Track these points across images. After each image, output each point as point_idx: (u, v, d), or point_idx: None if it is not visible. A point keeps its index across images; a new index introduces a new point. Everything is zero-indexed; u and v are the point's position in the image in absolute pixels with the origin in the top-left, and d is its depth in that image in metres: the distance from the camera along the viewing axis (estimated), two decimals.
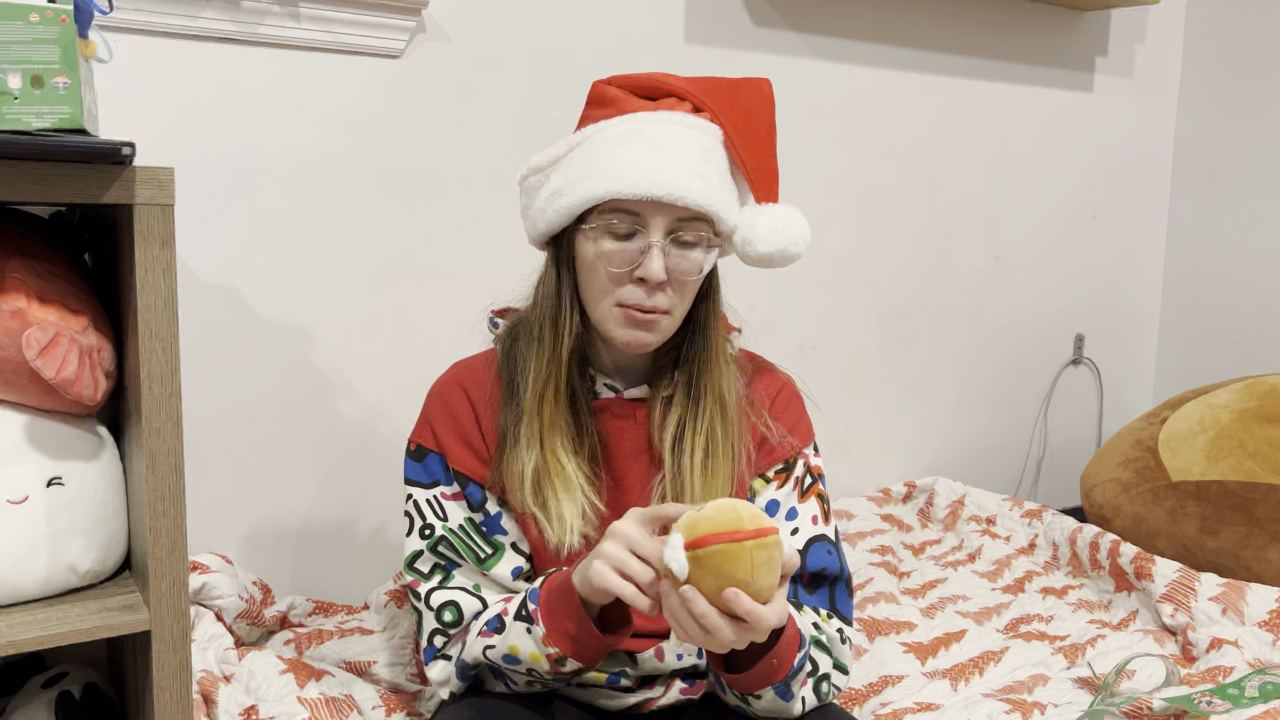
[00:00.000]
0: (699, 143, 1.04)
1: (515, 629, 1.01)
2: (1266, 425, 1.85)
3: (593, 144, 1.04)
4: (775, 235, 1.05)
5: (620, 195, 1.00)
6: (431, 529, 1.09)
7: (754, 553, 0.83)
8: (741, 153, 1.06)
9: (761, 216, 1.06)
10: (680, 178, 1.00)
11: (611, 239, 1.02)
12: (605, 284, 1.03)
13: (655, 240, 1.01)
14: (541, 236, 1.09)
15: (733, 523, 0.84)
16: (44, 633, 0.91)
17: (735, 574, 0.83)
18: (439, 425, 1.11)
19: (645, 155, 1.01)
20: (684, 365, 1.10)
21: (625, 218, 1.01)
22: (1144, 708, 1.28)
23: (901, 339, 2.25)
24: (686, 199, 1.00)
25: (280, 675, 1.27)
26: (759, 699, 1.00)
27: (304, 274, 1.57)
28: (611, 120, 1.05)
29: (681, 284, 1.04)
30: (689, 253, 1.03)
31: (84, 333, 0.96)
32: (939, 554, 1.95)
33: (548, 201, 1.06)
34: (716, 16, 1.89)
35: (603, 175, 1.01)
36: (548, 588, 1.00)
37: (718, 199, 1.03)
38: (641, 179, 0.99)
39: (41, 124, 0.84)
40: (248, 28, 1.46)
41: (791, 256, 1.07)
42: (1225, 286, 2.54)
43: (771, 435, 1.13)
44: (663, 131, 1.03)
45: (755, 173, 1.07)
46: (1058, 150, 2.41)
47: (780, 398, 1.16)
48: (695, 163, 1.02)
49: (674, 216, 1.01)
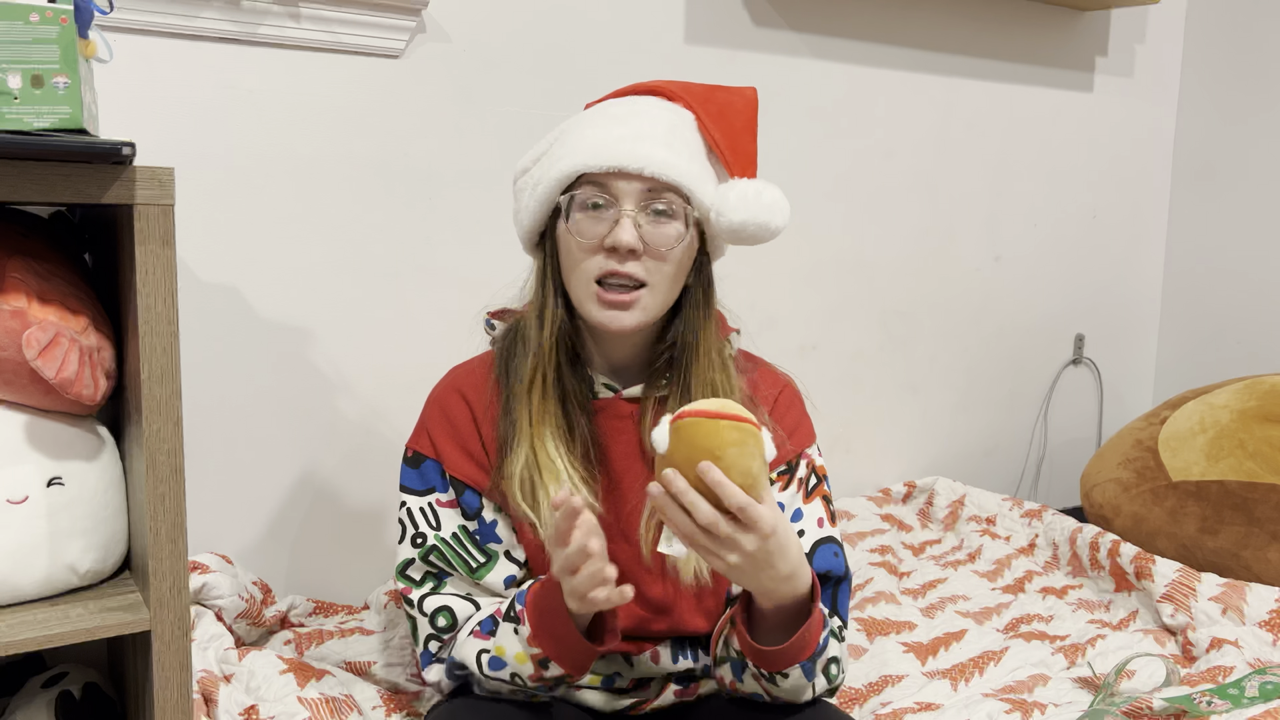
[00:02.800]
0: (667, 119, 1.06)
1: (504, 629, 1.01)
2: (1266, 425, 1.85)
3: (565, 133, 1.07)
4: (746, 203, 1.05)
5: (588, 168, 1.02)
6: (424, 538, 1.08)
7: (725, 430, 0.87)
8: (714, 133, 1.07)
9: (734, 189, 1.06)
10: (645, 146, 1.01)
11: (582, 212, 1.03)
12: (579, 256, 1.04)
13: (626, 210, 1.02)
14: (530, 235, 1.10)
15: (718, 407, 0.89)
16: (44, 633, 0.91)
17: (705, 444, 0.87)
18: (436, 432, 1.10)
19: (611, 129, 1.04)
20: (679, 364, 1.09)
21: (593, 190, 1.02)
22: (1144, 708, 1.28)
23: (901, 339, 2.25)
24: (651, 167, 1.01)
25: (280, 675, 1.27)
26: (785, 677, 1.00)
27: (304, 274, 1.57)
28: (586, 112, 1.10)
29: (661, 257, 1.04)
30: (664, 224, 1.03)
31: (84, 333, 0.96)
32: (939, 554, 1.95)
33: (530, 195, 1.08)
34: (716, 17, 1.89)
35: (571, 154, 1.03)
36: (536, 589, 1.00)
37: (686, 169, 1.03)
38: (605, 150, 1.01)
39: (41, 124, 0.84)
40: (248, 28, 1.46)
41: (766, 227, 1.06)
42: (1225, 286, 2.54)
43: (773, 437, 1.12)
44: (630, 110, 1.06)
45: (729, 151, 1.07)
46: (1058, 150, 2.41)
47: (782, 398, 1.16)
48: (663, 134, 1.03)
49: (644, 187, 1.02)
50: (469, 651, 1.03)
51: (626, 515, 1.09)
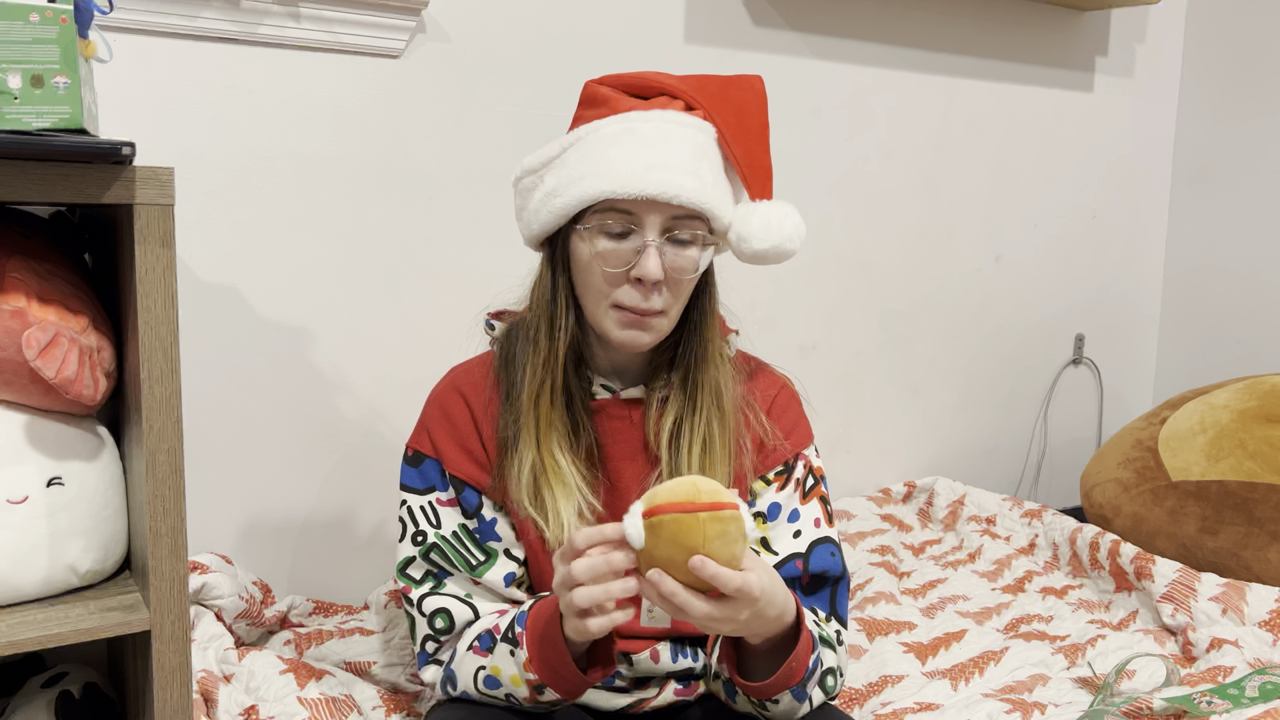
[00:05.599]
0: (692, 140, 1.03)
1: (501, 650, 1.01)
2: (1266, 425, 1.85)
3: (586, 144, 1.04)
4: (770, 232, 1.05)
5: (615, 195, 0.99)
6: (424, 535, 1.08)
7: (707, 524, 0.84)
8: (735, 150, 1.06)
9: (756, 213, 1.05)
10: (674, 175, 1.00)
11: (606, 239, 1.02)
12: (601, 284, 1.03)
13: (650, 239, 1.01)
14: (536, 238, 1.09)
15: (690, 495, 0.85)
16: (44, 633, 0.91)
17: (687, 543, 0.84)
18: (436, 431, 1.11)
19: (639, 154, 1.01)
20: (680, 364, 1.09)
21: (620, 217, 1.01)
22: (1144, 708, 1.28)
23: (901, 339, 2.25)
24: (681, 197, 1.00)
25: (280, 675, 1.27)
26: (776, 704, 1.00)
27: (304, 274, 1.57)
28: (605, 120, 1.05)
29: (678, 283, 1.04)
30: (685, 251, 1.03)
31: (84, 333, 0.96)
32: (939, 554, 1.94)
33: (542, 203, 1.05)
34: (716, 16, 1.89)
35: (596, 175, 1.00)
36: (535, 613, 0.99)
37: (712, 196, 1.02)
38: (635, 178, 0.99)
39: (41, 124, 0.84)
40: (248, 28, 1.46)
41: (786, 253, 1.07)
42: (1225, 286, 2.54)
43: (769, 438, 1.13)
44: (656, 130, 1.03)
45: (749, 169, 1.07)
46: (1058, 150, 2.41)
47: (779, 399, 1.16)
48: (689, 160, 1.02)
49: (669, 215, 1.01)
50: (467, 668, 1.03)
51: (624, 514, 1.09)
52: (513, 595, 1.09)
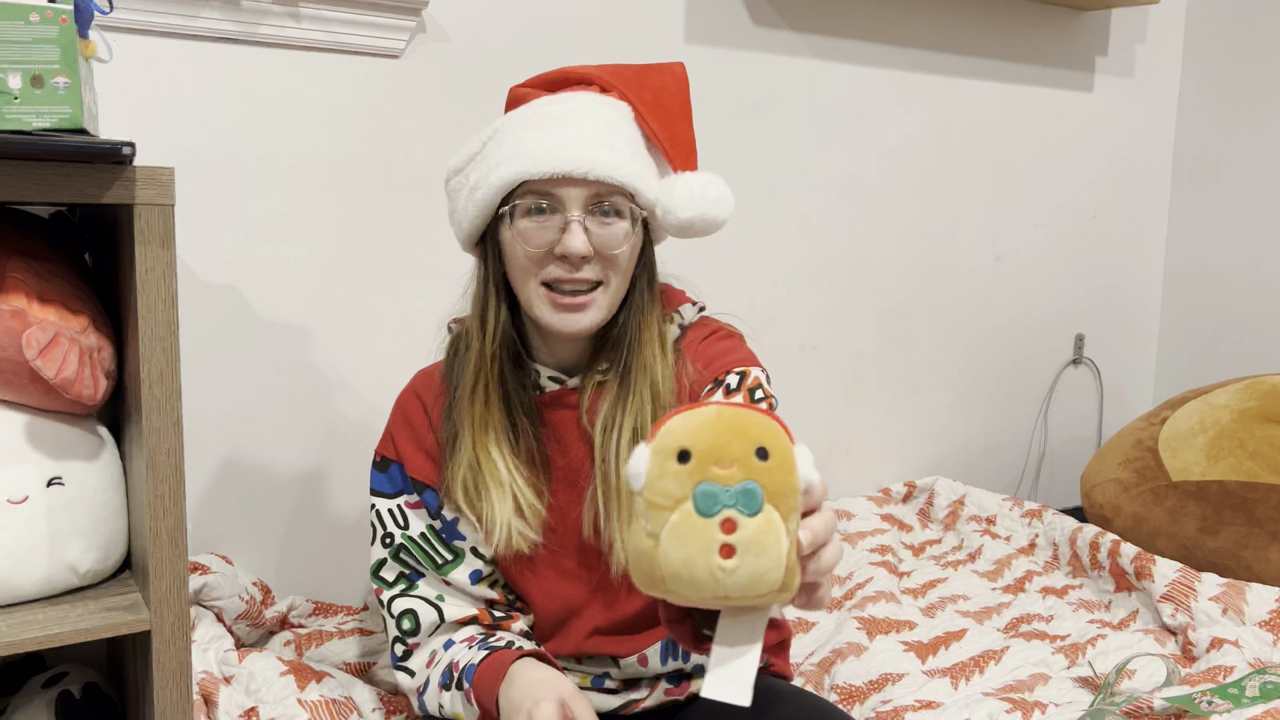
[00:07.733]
0: (606, 116, 1.03)
1: (457, 696, 1.03)
2: (1267, 425, 1.85)
3: (501, 134, 1.04)
4: (693, 200, 1.04)
5: (530, 175, 0.99)
6: (392, 537, 1.10)
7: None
8: (653, 125, 1.05)
9: (678, 184, 1.04)
10: (588, 150, 0.99)
11: (527, 218, 1.01)
12: (528, 265, 1.02)
13: (574, 215, 1.00)
14: (470, 237, 1.09)
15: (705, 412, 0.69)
16: (44, 633, 0.91)
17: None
18: (399, 435, 1.11)
19: (550, 133, 1.00)
20: (615, 347, 1.07)
21: (540, 198, 1.00)
22: (1144, 707, 1.28)
23: (901, 339, 2.25)
24: (596, 170, 0.99)
25: (281, 677, 1.27)
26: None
27: (304, 274, 1.57)
28: (519, 109, 1.06)
29: (613, 259, 1.02)
30: (611, 225, 1.01)
31: (84, 333, 0.96)
32: (939, 554, 1.95)
33: (467, 199, 1.05)
34: (716, 16, 1.89)
35: (512, 159, 1.00)
36: (481, 675, 1.01)
37: (630, 168, 1.01)
38: (549, 155, 0.99)
39: (41, 124, 0.84)
40: (248, 28, 1.46)
41: (713, 221, 1.05)
42: (1225, 286, 2.54)
43: (691, 377, 1.08)
44: (567, 109, 1.03)
45: (669, 143, 1.06)
46: (1058, 150, 2.41)
47: (712, 338, 1.12)
48: (604, 134, 1.01)
49: (589, 191, 1.00)
50: (431, 698, 1.07)
51: (580, 515, 1.08)
52: (482, 593, 1.10)
